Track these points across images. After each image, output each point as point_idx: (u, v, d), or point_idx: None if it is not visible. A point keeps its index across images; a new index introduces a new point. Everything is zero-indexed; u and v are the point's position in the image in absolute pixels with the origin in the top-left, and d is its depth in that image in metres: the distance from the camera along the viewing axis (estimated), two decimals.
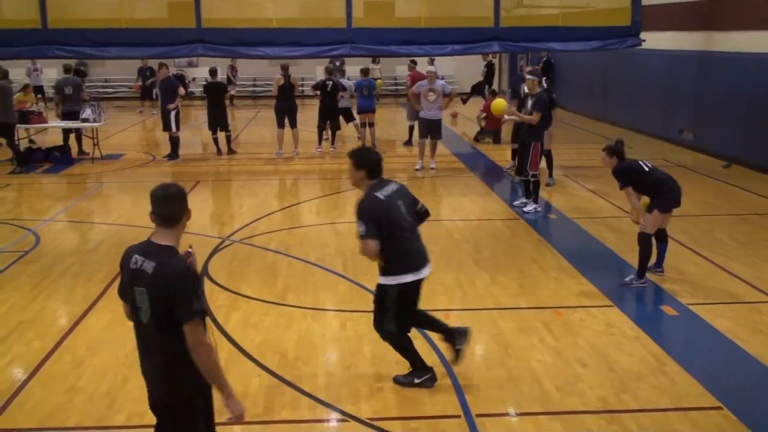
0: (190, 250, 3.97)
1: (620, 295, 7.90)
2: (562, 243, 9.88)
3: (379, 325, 5.83)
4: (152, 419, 5.34)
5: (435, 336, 6.37)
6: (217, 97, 16.66)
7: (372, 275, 8.37)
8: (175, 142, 16.22)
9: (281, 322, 7.22)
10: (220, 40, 13.99)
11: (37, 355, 6.46)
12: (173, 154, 16.18)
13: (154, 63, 22.20)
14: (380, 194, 5.56)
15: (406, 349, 5.91)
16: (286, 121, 16.34)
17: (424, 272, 5.75)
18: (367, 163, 5.62)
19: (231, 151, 16.89)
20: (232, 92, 26.96)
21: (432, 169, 14.68)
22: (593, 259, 9.22)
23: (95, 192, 13.74)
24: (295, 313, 7.44)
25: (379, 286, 5.77)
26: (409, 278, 5.67)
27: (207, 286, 8.13)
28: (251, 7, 14.67)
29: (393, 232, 5.55)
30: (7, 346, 6.67)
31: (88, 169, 15.52)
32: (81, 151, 16.77)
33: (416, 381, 5.89)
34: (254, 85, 29.62)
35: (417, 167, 14.69)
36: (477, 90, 24.82)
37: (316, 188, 13.85)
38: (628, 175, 7.96)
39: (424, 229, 9.92)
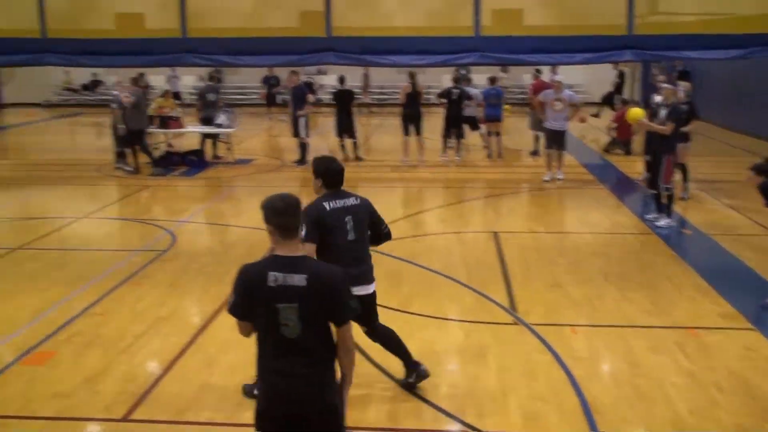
0: None
1: (762, 318, 7.48)
2: (698, 260, 9.46)
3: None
4: None
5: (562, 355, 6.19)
6: (345, 104, 16.95)
7: (498, 285, 8.34)
8: (303, 147, 16.60)
9: (405, 330, 7.17)
10: (350, 48, 14.21)
11: (173, 351, 6.72)
12: (302, 160, 16.55)
13: (280, 71, 22.92)
14: (328, 204, 5.50)
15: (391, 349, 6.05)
16: (412, 128, 16.44)
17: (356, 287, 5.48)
18: (322, 172, 5.56)
19: (358, 158, 17.12)
20: (367, 99, 27.64)
21: (559, 179, 14.39)
22: (732, 278, 8.77)
23: (227, 195, 14.22)
24: (419, 321, 7.44)
25: None
26: None
27: None
28: (380, 16, 14.82)
29: (329, 243, 5.44)
30: (145, 340, 6.99)
31: (221, 172, 16.09)
32: (215, 156, 17.42)
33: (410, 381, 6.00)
34: (381, 93, 29.91)
35: (546, 178, 14.42)
36: (607, 101, 24.19)
37: (441, 197, 13.85)
38: None
39: (553, 241, 9.69)
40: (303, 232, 5.42)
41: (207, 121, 17.09)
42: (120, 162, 16.09)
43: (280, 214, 3.65)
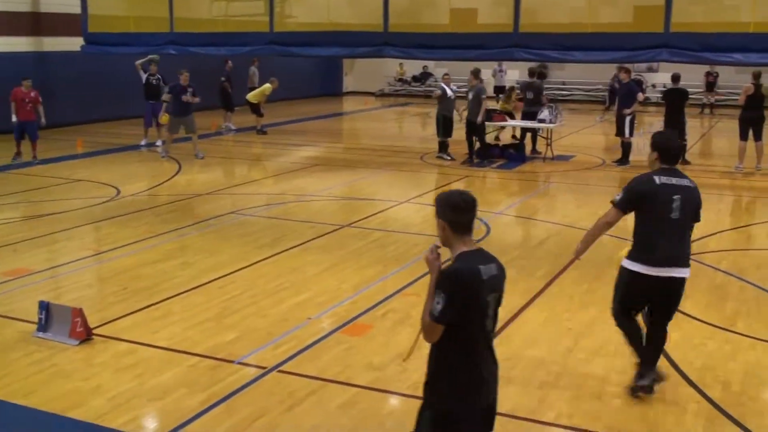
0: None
1: None
2: None
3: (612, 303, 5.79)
4: (581, 422, 5.35)
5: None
6: (676, 103, 16.00)
7: None
8: (626, 147, 15.98)
9: (726, 350, 6.65)
10: (687, 45, 13.34)
11: None
12: (623, 160, 15.95)
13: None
14: (658, 178, 5.43)
15: (629, 340, 5.75)
16: (750, 133, 15.09)
17: (660, 271, 5.38)
18: (660, 145, 5.54)
19: (684, 161, 16.10)
20: (711, 100, 26.14)
21: None
22: None
23: (543, 190, 14.13)
24: (744, 342, 6.80)
25: (620, 267, 5.66)
26: (638, 268, 5.43)
27: None
28: (726, 10, 13.74)
29: (650, 218, 5.41)
30: None
31: (538, 167, 16.04)
32: (534, 150, 17.40)
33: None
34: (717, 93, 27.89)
35: None
36: None
37: None
38: None
39: None
40: (617, 196, 5.54)
41: (527, 115, 17.16)
42: (442, 152, 16.71)
43: (469, 210, 3.69)
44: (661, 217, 5.38)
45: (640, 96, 15.89)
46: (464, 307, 3.58)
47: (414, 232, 10.78)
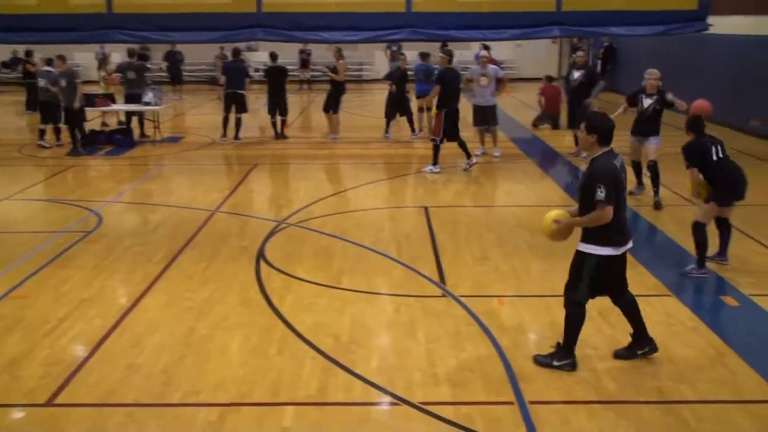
0: None
1: (680, 286, 7.73)
2: None
3: (570, 291, 5.89)
4: (209, 397, 5.49)
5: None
6: (277, 81, 16.79)
7: (427, 259, 8.43)
8: (223, 122, 16.53)
9: (335, 306, 7.25)
10: (279, 24, 14.02)
11: (98, 333, 6.60)
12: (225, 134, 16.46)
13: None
14: (617, 162, 5.64)
15: (574, 325, 5.88)
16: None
17: (626, 248, 5.79)
18: (598, 128, 5.63)
19: (283, 136, 17.00)
20: (306, 76, 27.65)
21: (495, 157, 14.56)
22: (652, 248, 9.05)
23: (155, 174, 13.97)
24: (349, 296, 7.46)
25: (578, 253, 5.82)
26: (609, 251, 5.68)
27: (263, 268, 8.22)
28: None
29: (620, 203, 5.63)
30: (69, 323, 6.84)
31: (149, 151, 15.80)
32: (143, 134, 17.09)
33: (555, 363, 5.92)
34: (313, 69, 29.66)
35: (477, 153, 14.51)
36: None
37: (371, 173, 13.85)
38: (698, 156, 7.83)
39: (481, 215, 9.80)
40: (603, 194, 5.44)
41: (131, 98, 16.77)
42: (42, 139, 15.72)
43: None
44: (622, 199, 5.62)
45: (222, 79, 16.52)
46: None
47: (18, 230, 10.02)
